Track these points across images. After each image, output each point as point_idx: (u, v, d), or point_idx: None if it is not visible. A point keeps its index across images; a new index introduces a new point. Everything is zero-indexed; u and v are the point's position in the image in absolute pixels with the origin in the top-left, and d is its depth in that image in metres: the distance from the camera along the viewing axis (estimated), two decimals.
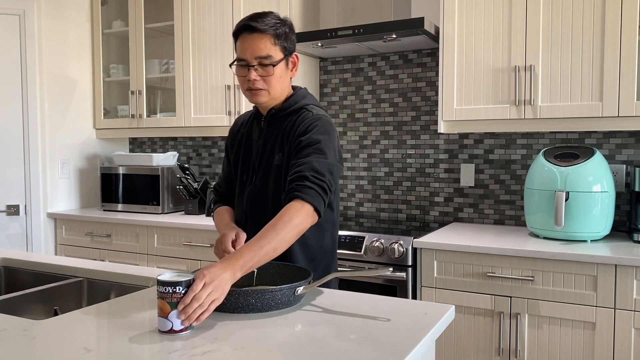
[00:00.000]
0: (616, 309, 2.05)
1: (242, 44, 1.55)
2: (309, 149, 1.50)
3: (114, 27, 3.67)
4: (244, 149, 1.71)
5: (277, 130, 1.63)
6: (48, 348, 1.08)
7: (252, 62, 1.54)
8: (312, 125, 1.54)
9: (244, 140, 1.72)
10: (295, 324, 1.22)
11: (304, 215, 1.40)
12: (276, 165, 1.60)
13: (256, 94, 1.57)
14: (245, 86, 1.58)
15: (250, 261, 1.29)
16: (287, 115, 1.63)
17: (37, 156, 3.37)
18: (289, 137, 1.58)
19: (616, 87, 2.26)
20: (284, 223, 1.37)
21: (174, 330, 1.14)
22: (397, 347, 1.08)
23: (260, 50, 1.53)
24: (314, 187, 1.43)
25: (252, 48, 1.53)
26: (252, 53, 1.53)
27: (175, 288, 1.14)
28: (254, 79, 1.54)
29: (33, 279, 1.91)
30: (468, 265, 2.29)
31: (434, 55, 2.97)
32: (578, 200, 2.26)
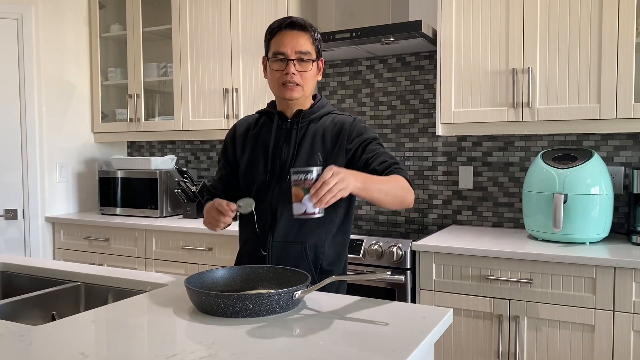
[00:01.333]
0: (615, 311, 2.05)
1: (282, 39, 1.60)
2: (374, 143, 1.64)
3: (112, 31, 3.67)
4: (262, 150, 1.71)
5: (312, 131, 1.67)
6: (45, 353, 1.07)
7: (292, 56, 1.59)
8: (362, 126, 1.68)
9: (259, 142, 1.72)
10: (293, 328, 1.22)
11: (409, 189, 1.56)
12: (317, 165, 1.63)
13: (292, 88, 1.62)
14: (281, 80, 1.62)
15: (370, 183, 1.43)
16: (318, 118, 1.69)
17: (35, 160, 3.37)
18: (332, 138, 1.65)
19: (614, 89, 2.26)
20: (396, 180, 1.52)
21: (307, 212, 1.32)
22: (396, 352, 1.07)
23: (301, 45, 1.60)
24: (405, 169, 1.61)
25: (293, 43, 1.59)
26: (292, 47, 1.59)
27: (307, 175, 1.31)
28: (293, 72, 1.59)
29: (31, 284, 1.90)
30: (467, 268, 2.29)
31: (432, 58, 2.98)
32: (576, 202, 2.26)
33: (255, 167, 1.71)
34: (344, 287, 1.75)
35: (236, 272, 1.54)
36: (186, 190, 3.26)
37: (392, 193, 1.50)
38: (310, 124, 1.68)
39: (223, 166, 1.81)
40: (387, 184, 1.49)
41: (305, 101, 1.69)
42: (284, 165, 1.67)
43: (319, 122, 1.68)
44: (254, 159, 1.72)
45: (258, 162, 1.71)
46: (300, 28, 1.61)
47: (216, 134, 3.25)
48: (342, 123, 1.67)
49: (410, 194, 1.57)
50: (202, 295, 1.29)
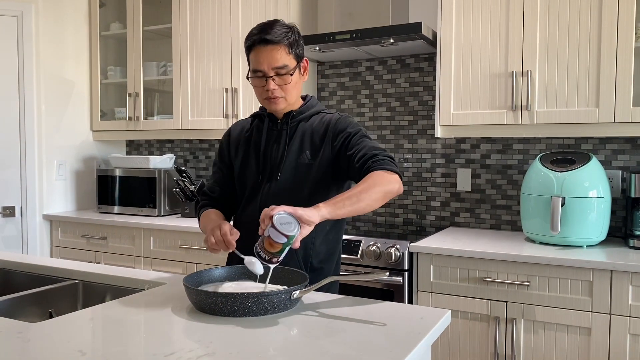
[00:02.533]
0: (612, 314, 2.05)
1: (257, 56, 1.60)
2: (356, 137, 1.61)
3: (112, 29, 3.67)
4: (254, 152, 1.73)
5: (301, 131, 1.69)
6: (42, 351, 1.08)
7: (270, 72, 1.60)
8: (347, 121, 1.67)
9: (251, 143, 1.75)
10: (291, 328, 1.22)
11: (389, 178, 1.50)
12: (305, 163, 1.66)
13: (275, 102, 1.64)
14: (264, 96, 1.65)
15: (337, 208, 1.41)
16: (307, 118, 1.71)
17: (33, 158, 3.37)
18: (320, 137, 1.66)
19: (612, 93, 2.27)
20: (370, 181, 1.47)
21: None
22: (393, 352, 1.08)
23: (276, 61, 1.59)
24: (386, 159, 1.54)
25: (269, 60, 1.59)
26: (268, 64, 1.59)
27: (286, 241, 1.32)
28: (273, 88, 1.61)
29: (28, 281, 1.90)
30: (464, 270, 2.29)
31: (432, 60, 2.98)
32: (574, 205, 2.27)
33: (248, 169, 1.73)
34: (336, 286, 1.75)
35: (234, 271, 1.54)
36: (184, 189, 3.26)
37: (366, 199, 1.45)
38: (299, 124, 1.70)
39: (219, 169, 1.83)
40: (359, 195, 1.44)
41: (294, 104, 1.71)
42: (274, 165, 1.69)
43: (308, 121, 1.71)
44: (246, 161, 1.74)
45: (250, 163, 1.73)
46: (273, 42, 1.58)
47: (215, 134, 3.25)
48: (329, 121, 1.68)
49: (392, 184, 1.50)
50: (201, 294, 1.30)
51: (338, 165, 1.65)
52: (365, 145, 1.59)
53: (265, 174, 1.70)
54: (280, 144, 1.70)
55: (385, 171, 1.51)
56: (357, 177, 1.58)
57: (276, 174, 1.67)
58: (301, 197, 1.64)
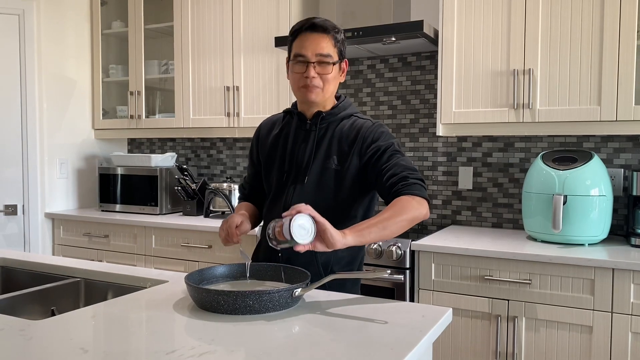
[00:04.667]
0: (613, 312, 2.05)
1: (303, 41, 1.59)
2: (387, 153, 1.57)
3: (114, 28, 3.67)
4: (281, 150, 1.71)
5: (330, 134, 1.65)
6: (45, 348, 1.08)
7: (313, 59, 1.58)
8: (379, 131, 1.62)
9: (279, 141, 1.72)
10: (293, 325, 1.22)
11: (417, 205, 1.47)
12: (332, 169, 1.62)
13: (311, 90, 1.60)
14: (301, 83, 1.60)
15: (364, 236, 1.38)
16: (338, 121, 1.66)
17: (35, 156, 3.37)
18: (349, 143, 1.62)
19: (614, 91, 2.27)
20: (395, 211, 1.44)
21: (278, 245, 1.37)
22: (394, 350, 1.08)
23: (322, 48, 1.58)
24: (417, 182, 1.51)
25: (314, 45, 1.58)
26: (313, 50, 1.58)
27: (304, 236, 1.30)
28: (313, 76, 1.58)
29: (30, 279, 1.90)
30: (466, 268, 2.29)
31: (433, 58, 2.98)
32: (576, 204, 2.27)
33: (273, 168, 1.72)
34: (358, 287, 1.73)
35: (236, 269, 1.55)
36: (186, 187, 3.26)
37: (392, 227, 1.43)
38: (329, 126, 1.66)
39: (250, 165, 1.84)
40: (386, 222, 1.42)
41: (326, 102, 1.66)
42: (300, 167, 1.66)
43: (339, 124, 1.66)
44: (272, 159, 1.73)
45: (275, 162, 1.71)
46: (321, 30, 1.58)
47: (216, 132, 3.25)
48: (360, 127, 1.63)
49: (419, 210, 1.47)
50: (202, 292, 1.30)
51: (365, 177, 1.61)
52: (397, 163, 1.54)
53: (290, 175, 1.67)
54: (307, 146, 1.66)
55: (414, 196, 1.47)
56: (384, 196, 1.55)
57: (302, 177, 1.64)
58: (326, 203, 1.60)
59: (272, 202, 1.71)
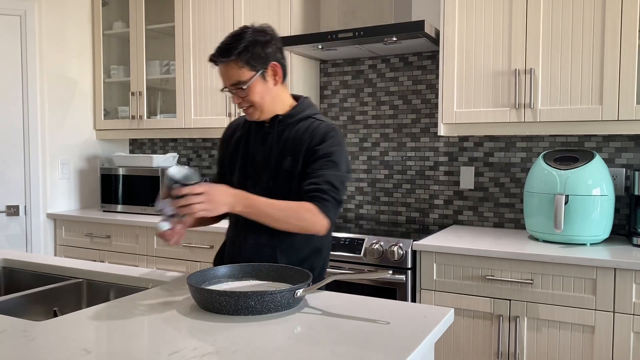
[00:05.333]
0: (615, 312, 2.05)
1: (219, 72, 1.63)
2: (323, 160, 1.58)
3: (115, 28, 3.67)
4: (242, 152, 1.73)
5: (286, 136, 1.66)
6: (47, 349, 1.08)
7: (230, 88, 1.62)
8: (328, 136, 1.61)
9: (242, 143, 1.75)
10: (295, 326, 1.23)
11: (316, 220, 1.52)
12: (286, 170, 1.64)
13: (247, 112, 1.66)
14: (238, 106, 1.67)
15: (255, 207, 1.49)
16: (295, 123, 1.67)
17: (37, 157, 3.38)
18: (301, 144, 1.63)
19: (616, 90, 2.26)
20: (296, 210, 1.52)
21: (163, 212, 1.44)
22: (396, 350, 1.08)
23: (229, 77, 1.59)
24: (330, 200, 1.54)
25: (224, 77, 1.61)
26: (226, 81, 1.61)
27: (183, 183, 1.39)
28: (239, 102, 1.63)
29: (33, 280, 1.91)
30: (467, 268, 2.29)
31: (434, 58, 2.98)
32: (577, 203, 2.27)
33: (236, 170, 1.74)
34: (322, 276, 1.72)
35: (238, 269, 1.55)
36: None
37: (283, 220, 1.51)
38: (286, 128, 1.67)
39: (218, 166, 1.87)
40: (280, 212, 1.50)
41: (276, 109, 1.66)
42: (258, 169, 1.68)
43: (295, 126, 1.66)
44: (234, 161, 1.75)
45: (237, 164, 1.74)
46: (221, 61, 1.57)
47: (218, 132, 3.20)
48: (314, 129, 1.63)
49: (315, 227, 1.53)
50: (205, 292, 1.30)
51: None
52: (324, 174, 1.56)
53: (250, 177, 1.70)
54: (265, 148, 1.69)
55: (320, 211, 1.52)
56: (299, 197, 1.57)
57: (260, 179, 1.67)
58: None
59: None
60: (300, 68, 3.10)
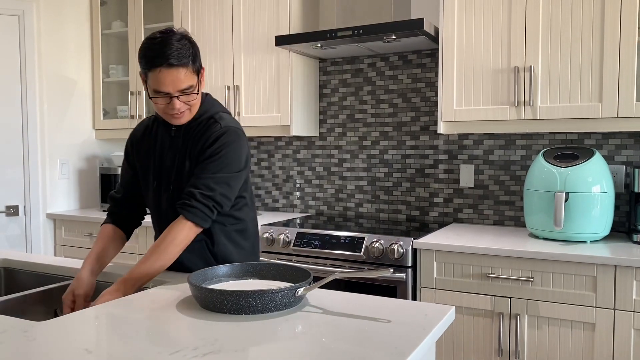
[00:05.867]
0: (616, 309, 2.05)
1: (160, 78, 1.52)
2: (208, 161, 1.60)
3: (114, 28, 3.67)
4: (154, 156, 1.72)
5: (188, 139, 1.67)
6: (48, 350, 1.08)
7: (175, 93, 1.55)
8: (218, 138, 1.61)
9: (152, 147, 1.73)
10: (296, 325, 1.22)
11: (187, 232, 1.56)
12: (187, 172, 1.66)
13: (179, 117, 1.61)
14: (169, 112, 1.59)
15: (139, 281, 1.52)
16: (197, 125, 1.67)
17: (36, 157, 3.37)
18: (196, 146, 1.64)
19: (615, 88, 2.26)
20: (167, 243, 1.55)
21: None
22: (398, 349, 1.08)
23: (181, 82, 1.54)
24: (199, 205, 1.55)
25: (173, 83, 1.53)
26: (174, 87, 1.54)
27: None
28: (179, 107, 1.57)
29: (33, 280, 1.91)
30: (468, 266, 2.29)
31: (434, 56, 2.98)
32: (577, 201, 2.27)
33: (147, 174, 1.74)
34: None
35: (238, 268, 1.55)
36: None
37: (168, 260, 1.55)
38: (190, 131, 1.67)
39: (126, 170, 1.81)
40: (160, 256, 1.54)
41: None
42: (168, 174, 1.69)
43: (196, 128, 1.66)
44: (146, 166, 1.74)
45: (149, 170, 1.73)
46: (177, 66, 1.52)
47: None
48: (210, 133, 1.63)
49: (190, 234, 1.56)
50: (206, 291, 1.30)
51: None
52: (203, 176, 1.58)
53: (162, 183, 1.70)
54: (172, 152, 1.69)
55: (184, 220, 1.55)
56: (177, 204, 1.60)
57: (168, 184, 1.68)
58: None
59: (152, 210, 1.77)
60: (299, 67, 3.09)
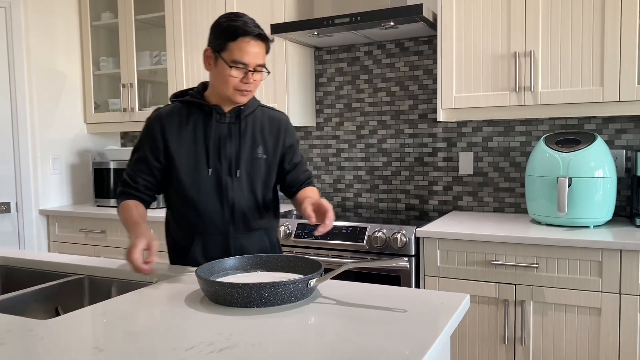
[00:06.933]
0: (621, 294, 2.05)
1: (245, 48, 1.58)
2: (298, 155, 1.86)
3: (103, 19, 3.59)
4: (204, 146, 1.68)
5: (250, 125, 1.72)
6: (57, 348, 1.04)
7: (252, 67, 1.60)
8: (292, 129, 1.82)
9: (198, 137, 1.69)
10: (311, 317, 1.20)
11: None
12: (261, 158, 1.73)
13: (246, 95, 1.65)
14: (238, 87, 1.62)
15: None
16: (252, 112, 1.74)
17: (27, 152, 3.30)
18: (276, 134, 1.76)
19: (617, 71, 2.25)
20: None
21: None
22: (418, 339, 1.05)
23: (261, 58, 1.62)
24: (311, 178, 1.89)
25: (255, 55, 1.59)
26: (255, 60, 1.60)
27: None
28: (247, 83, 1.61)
29: (31, 278, 1.85)
30: (472, 254, 2.28)
31: (431, 42, 2.94)
32: (580, 186, 2.25)
33: (200, 164, 1.69)
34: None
35: (246, 261, 1.51)
36: None
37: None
38: (247, 118, 1.72)
39: (145, 159, 1.71)
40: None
41: None
42: (230, 160, 1.69)
43: (253, 115, 1.73)
44: (196, 156, 1.69)
45: (202, 159, 1.69)
46: (263, 39, 1.61)
47: None
48: (279, 120, 1.78)
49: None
50: (216, 285, 1.26)
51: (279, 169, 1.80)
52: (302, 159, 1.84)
53: (221, 170, 1.69)
54: (233, 139, 1.69)
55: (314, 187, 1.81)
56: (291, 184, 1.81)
57: (235, 169, 1.69)
58: (261, 191, 1.75)
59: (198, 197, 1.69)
60: (295, 55, 3.05)
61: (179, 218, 1.78)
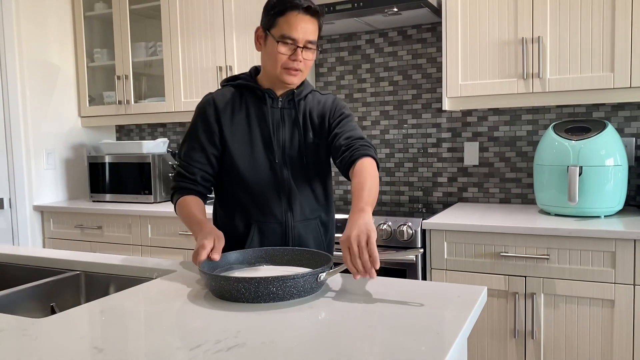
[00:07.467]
0: (636, 285, 1.99)
1: (294, 23, 1.50)
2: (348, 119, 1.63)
3: (96, 10, 3.50)
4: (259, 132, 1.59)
5: (301, 110, 1.63)
6: (53, 349, 0.97)
7: (301, 43, 1.51)
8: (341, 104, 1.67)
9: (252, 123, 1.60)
10: (321, 312, 1.13)
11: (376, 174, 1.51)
12: (310, 143, 1.62)
13: (295, 74, 1.55)
14: (285, 65, 1.53)
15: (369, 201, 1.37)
16: (304, 97, 1.65)
17: (20, 147, 3.21)
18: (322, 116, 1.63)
19: (628, 56, 2.18)
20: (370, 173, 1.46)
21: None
22: (440, 335, 0.99)
23: (312, 33, 1.52)
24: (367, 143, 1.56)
25: (306, 30, 1.51)
26: (305, 35, 1.51)
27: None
28: (301, 60, 1.52)
29: (24, 274, 1.78)
30: (480, 246, 2.21)
31: (435, 30, 2.87)
32: (591, 174, 2.19)
33: (255, 151, 1.59)
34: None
35: (250, 254, 1.44)
36: None
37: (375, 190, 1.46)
38: (299, 103, 1.64)
39: (202, 146, 1.61)
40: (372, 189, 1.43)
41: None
42: (285, 148, 1.61)
43: (305, 100, 1.65)
44: (250, 142, 1.60)
45: (257, 145, 1.59)
46: (314, 14, 1.52)
47: None
48: (325, 101, 1.65)
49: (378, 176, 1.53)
50: (221, 280, 1.19)
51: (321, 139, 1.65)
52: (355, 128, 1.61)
53: (277, 156, 1.59)
54: (286, 125, 1.61)
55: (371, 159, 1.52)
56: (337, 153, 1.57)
57: (291, 157, 1.61)
58: (319, 178, 1.66)
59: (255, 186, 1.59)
60: None
61: (233, 207, 1.63)
